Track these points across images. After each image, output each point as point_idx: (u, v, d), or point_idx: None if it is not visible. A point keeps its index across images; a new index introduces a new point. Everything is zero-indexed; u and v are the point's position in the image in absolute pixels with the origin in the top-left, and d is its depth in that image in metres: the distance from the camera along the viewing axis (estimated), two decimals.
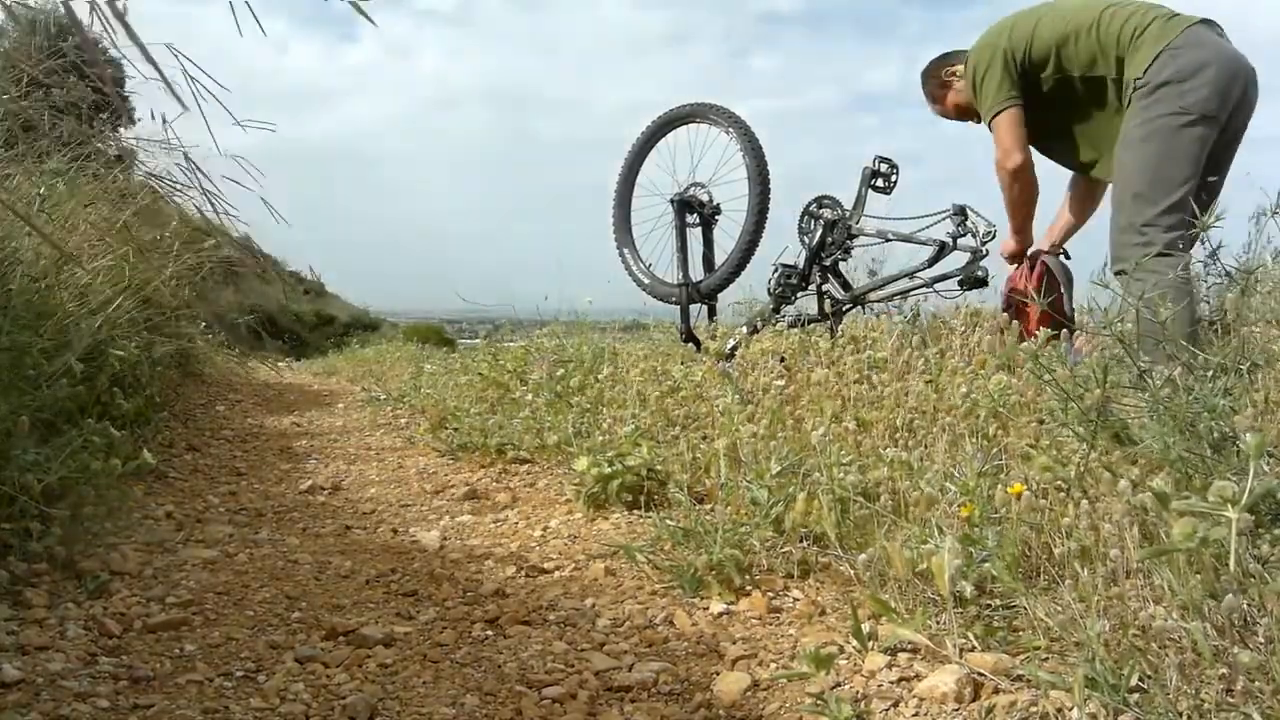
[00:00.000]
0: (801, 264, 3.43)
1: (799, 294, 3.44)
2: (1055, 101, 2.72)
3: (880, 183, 3.38)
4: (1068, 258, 2.94)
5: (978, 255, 3.01)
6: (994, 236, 2.99)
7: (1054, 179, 2.92)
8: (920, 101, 3.14)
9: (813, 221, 3.48)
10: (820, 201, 3.48)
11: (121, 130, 5.16)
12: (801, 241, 3.50)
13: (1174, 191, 2.41)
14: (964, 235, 3.03)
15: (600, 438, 2.54)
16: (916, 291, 3.13)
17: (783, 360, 2.67)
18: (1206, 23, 2.54)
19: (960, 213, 3.05)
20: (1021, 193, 2.78)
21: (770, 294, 3.45)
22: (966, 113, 2.92)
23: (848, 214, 3.40)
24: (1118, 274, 2.39)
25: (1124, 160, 2.53)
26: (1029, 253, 2.92)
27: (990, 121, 2.74)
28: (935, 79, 3.03)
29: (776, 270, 3.39)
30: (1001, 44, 2.69)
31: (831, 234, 3.39)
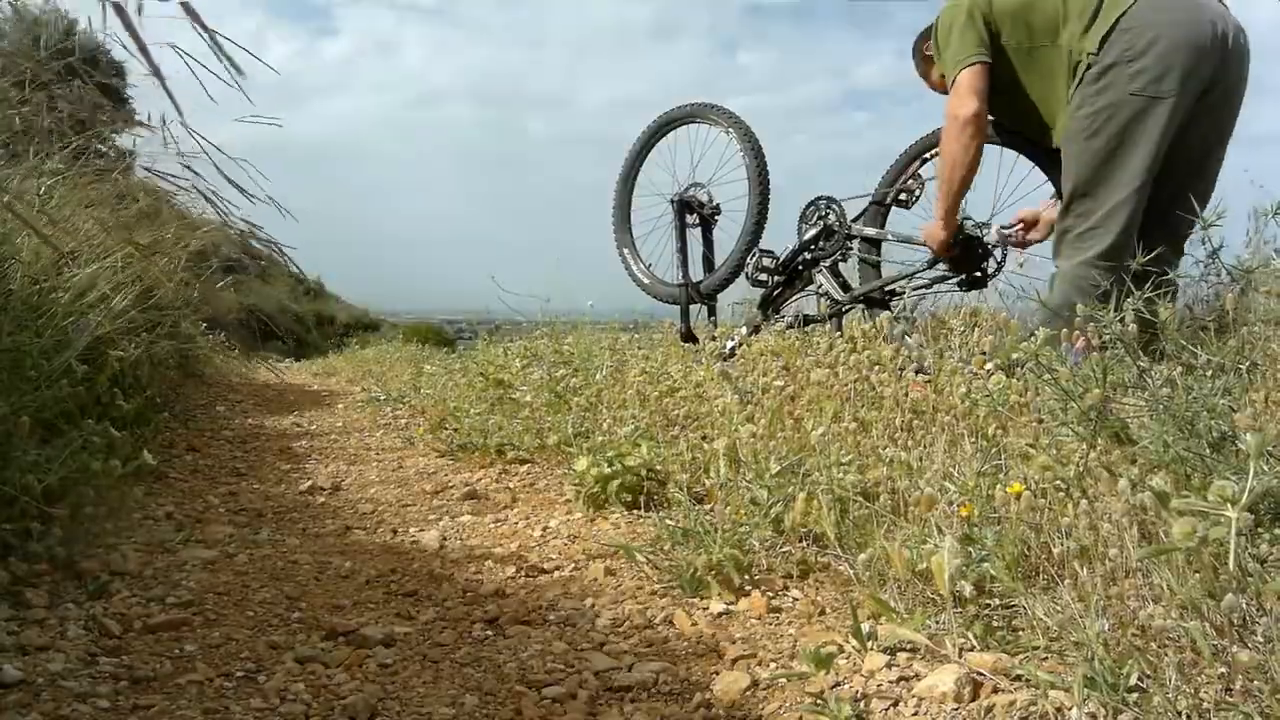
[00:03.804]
0: (784, 255, 3.47)
1: (777, 280, 3.46)
2: (1012, 75, 2.48)
3: (903, 196, 3.36)
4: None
5: None
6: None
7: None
8: (917, 97, 3.14)
9: (812, 218, 3.49)
10: (820, 202, 3.49)
11: (122, 131, 5.16)
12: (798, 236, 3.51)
13: (1121, 190, 2.23)
14: (963, 236, 3.04)
15: (600, 438, 2.54)
16: (916, 292, 3.13)
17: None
18: None
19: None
20: (966, 149, 2.48)
21: (748, 277, 3.50)
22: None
23: (847, 214, 3.41)
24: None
25: (1069, 153, 2.35)
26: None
27: (953, 79, 2.49)
28: (920, 53, 2.93)
29: (754, 255, 3.43)
30: (966, 1, 2.49)
31: (831, 234, 3.39)
